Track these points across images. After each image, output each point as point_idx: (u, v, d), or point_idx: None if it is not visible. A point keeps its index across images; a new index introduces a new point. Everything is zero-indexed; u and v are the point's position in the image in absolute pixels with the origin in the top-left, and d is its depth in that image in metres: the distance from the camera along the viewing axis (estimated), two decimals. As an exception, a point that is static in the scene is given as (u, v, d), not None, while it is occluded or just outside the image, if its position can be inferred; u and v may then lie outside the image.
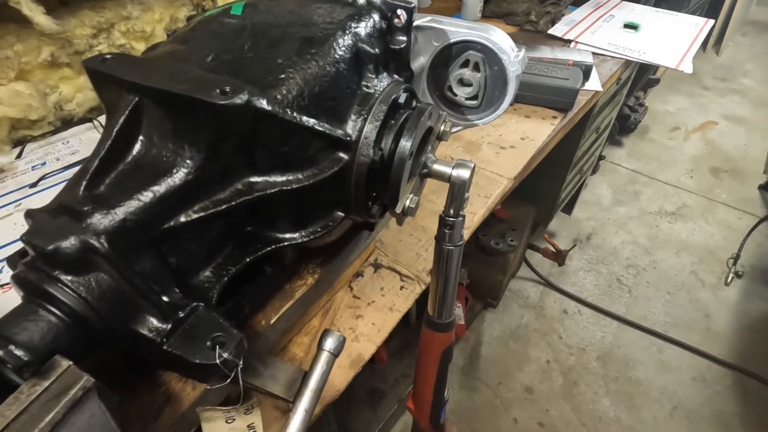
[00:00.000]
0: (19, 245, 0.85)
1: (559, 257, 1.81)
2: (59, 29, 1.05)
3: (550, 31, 1.54)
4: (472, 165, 0.49)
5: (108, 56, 0.39)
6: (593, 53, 1.42)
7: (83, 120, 1.18)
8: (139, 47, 1.24)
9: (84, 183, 0.35)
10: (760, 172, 2.72)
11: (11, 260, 0.41)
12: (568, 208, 2.33)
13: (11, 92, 1.05)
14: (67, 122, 1.18)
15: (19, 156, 1.05)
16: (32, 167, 1.03)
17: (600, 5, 1.72)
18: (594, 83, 1.29)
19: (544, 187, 1.75)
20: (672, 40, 1.51)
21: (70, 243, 0.32)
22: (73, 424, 0.31)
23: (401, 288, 0.77)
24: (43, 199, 0.95)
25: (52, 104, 1.14)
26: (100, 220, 0.34)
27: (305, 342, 0.63)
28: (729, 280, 2.14)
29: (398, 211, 0.46)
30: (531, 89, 1.18)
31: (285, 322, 0.56)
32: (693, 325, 1.99)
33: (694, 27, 1.60)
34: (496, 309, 2.03)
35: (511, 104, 1.14)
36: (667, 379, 1.81)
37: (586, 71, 1.24)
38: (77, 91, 1.18)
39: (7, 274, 0.79)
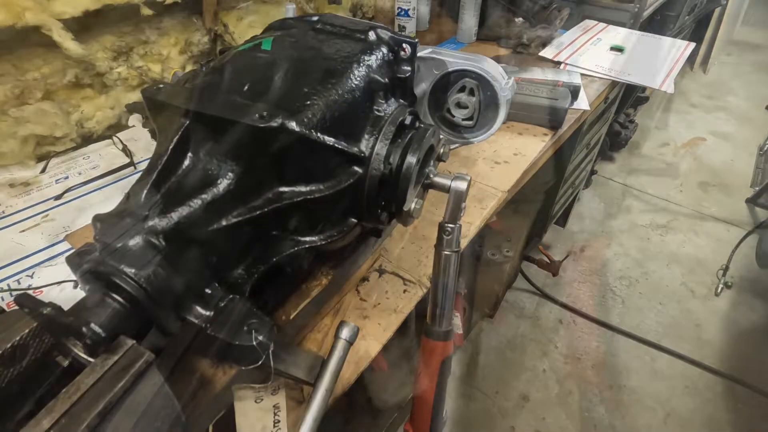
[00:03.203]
0: (46, 254, 0.91)
1: (552, 268, 1.88)
2: (85, 53, 1.13)
3: (540, 54, 1.64)
4: (469, 178, 0.56)
5: (161, 86, 0.46)
6: (581, 74, 1.51)
7: (102, 137, 1.26)
8: (156, 69, 1.33)
9: (145, 191, 0.42)
10: (747, 185, 2.82)
11: (71, 260, 0.48)
12: (562, 221, 2.40)
13: (38, 111, 1.12)
14: (87, 139, 1.25)
15: (43, 170, 1.12)
16: (56, 181, 1.09)
17: (588, 29, 1.83)
18: (582, 103, 1.38)
19: (538, 202, 1.83)
20: (655, 63, 1.61)
21: (135, 241, 0.39)
22: (139, 391, 0.37)
23: (404, 291, 0.83)
24: (67, 210, 1.01)
25: (74, 122, 1.21)
26: (159, 223, 0.40)
27: (318, 338, 0.69)
28: (719, 290, 2.21)
29: (405, 209, 0.53)
30: (523, 108, 1.26)
31: (302, 319, 0.62)
32: (684, 334, 2.05)
33: (677, 50, 1.70)
34: (493, 319, 2.08)
35: (503, 123, 1.21)
36: (661, 387, 1.87)
37: (575, 91, 1.33)
38: (97, 110, 1.26)
39: (38, 279, 0.85)
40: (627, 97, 2.63)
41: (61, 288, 0.76)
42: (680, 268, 2.34)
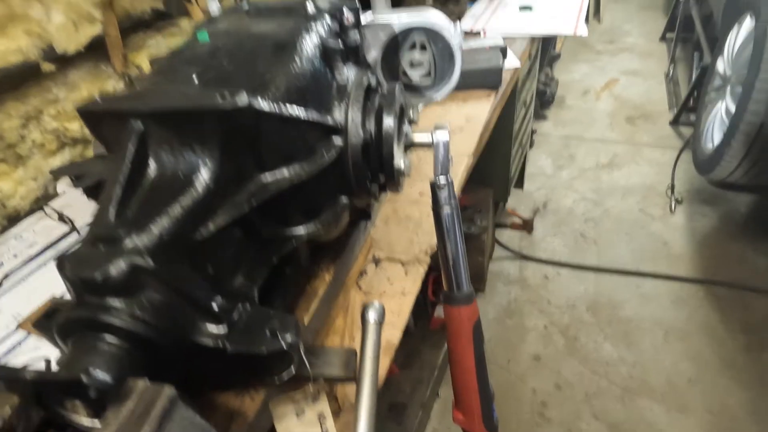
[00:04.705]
0: (1, 350, 0.79)
1: (527, 225, 1.92)
2: (-14, 126, 1.01)
3: (459, 27, 1.68)
4: (448, 126, 0.54)
5: (99, 99, 0.40)
6: (503, 37, 1.56)
7: (31, 212, 1.13)
8: (74, 126, 1.22)
9: (113, 211, 0.36)
10: (666, 110, 3.06)
11: (40, 325, 0.40)
12: (519, 183, 2.47)
13: (-53, 200, 0.99)
14: (14, 219, 1.12)
15: (-29, 263, 0.98)
16: (-11, 271, 0.96)
17: (494, -3, 1.90)
18: (512, 61, 1.43)
19: (496, 167, 1.87)
20: (562, 13, 1.70)
21: (118, 267, 0.33)
22: (170, 433, 0.31)
23: (406, 273, 0.80)
24: (12, 297, 0.89)
25: (-6, 204, 1.08)
26: (139, 241, 0.35)
27: (336, 341, 0.63)
28: (673, 207, 2.36)
29: (396, 167, 0.50)
30: (462, 76, 1.27)
31: (316, 322, 0.57)
32: (656, 255, 2.16)
33: (577, -3, 1.81)
34: (485, 293, 2.09)
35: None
36: (652, 308, 1.95)
37: (503, 51, 1.36)
38: (18, 185, 1.13)
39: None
40: (543, 56, 2.78)
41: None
42: (634, 197, 2.47)
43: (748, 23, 1.92)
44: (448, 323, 0.62)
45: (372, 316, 0.45)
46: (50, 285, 0.90)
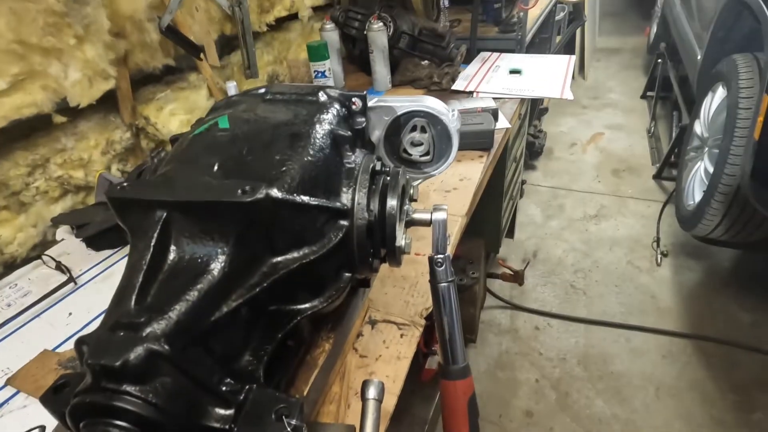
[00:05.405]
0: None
1: (517, 278, 1.94)
2: (-7, 175, 1.04)
3: (453, 88, 1.78)
4: (446, 207, 0.58)
5: (125, 184, 0.43)
6: (494, 98, 1.66)
7: (28, 259, 1.13)
8: (78, 174, 1.25)
9: (134, 297, 0.38)
10: (650, 165, 3.19)
11: (47, 399, 0.41)
12: (510, 233, 2.53)
13: (-54, 248, 0.99)
14: (10, 266, 1.12)
15: (-38, 313, 0.97)
16: (-19, 320, 0.95)
17: (485, 60, 2.03)
18: (503, 122, 1.51)
19: (487, 219, 1.92)
20: (550, 77, 1.82)
21: (136, 354, 0.35)
22: None
23: (401, 336, 0.81)
24: (2, 350, 0.88)
25: (-9, 251, 1.08)
26: (157, 327, 0.37)
27: (332, 410, 0.64)
28: (659, 261, 2.41)
29: (397, 246, 0.53)
30: (455, 137, 1.35)
31: (315, 392, 0.58)
32: (645, 308, 2.19)
33: (564, 63, 1.94)
34: (476, 343, 2.08)
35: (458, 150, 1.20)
36: (643, 363, 1.95)
37: (495, 114, 1.45)
38: (17, 231, 1.15)
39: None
40: (533, 111, 2.92)
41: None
42: (621, 249, 2.53)
43: (720, 92, 2.06)
44: (442, 397, 0.63)
45: (372, 393, 0.47)
46: (43, 338, 0.89)
